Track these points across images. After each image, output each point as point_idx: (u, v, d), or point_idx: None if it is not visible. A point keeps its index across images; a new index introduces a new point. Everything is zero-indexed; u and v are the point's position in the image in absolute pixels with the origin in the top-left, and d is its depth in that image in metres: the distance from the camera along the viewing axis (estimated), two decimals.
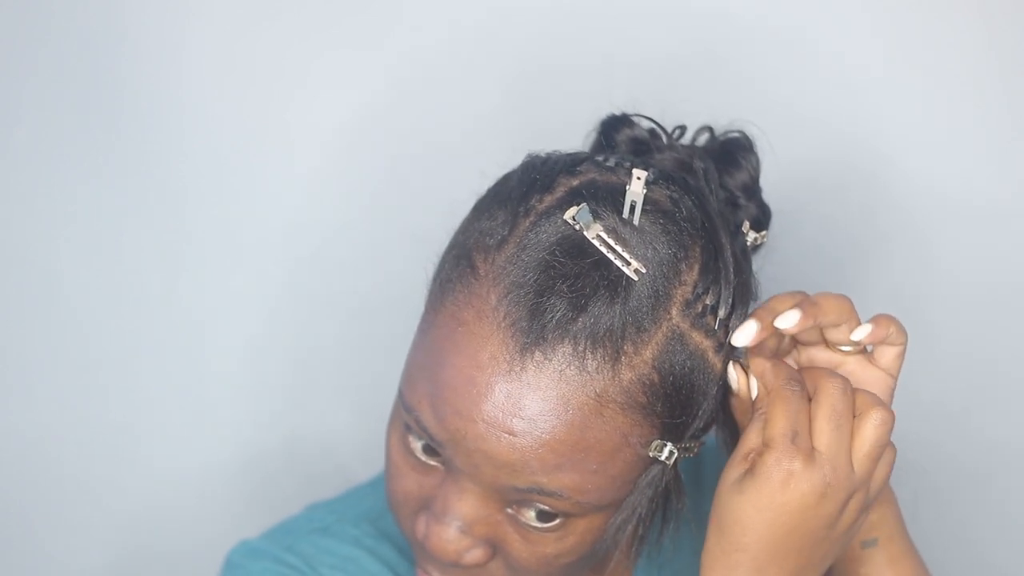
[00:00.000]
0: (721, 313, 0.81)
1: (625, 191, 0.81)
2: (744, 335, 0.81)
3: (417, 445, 0.85)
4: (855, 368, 0.86)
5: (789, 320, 0.82)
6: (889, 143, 1.18)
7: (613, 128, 0.91)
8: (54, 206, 1.21)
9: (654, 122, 0.92)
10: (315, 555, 0.97)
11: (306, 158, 1.22)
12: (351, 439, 1.28)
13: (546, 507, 0.82)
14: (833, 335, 0.85)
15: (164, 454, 1.28)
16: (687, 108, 0.95)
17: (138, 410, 1.27)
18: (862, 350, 0.86)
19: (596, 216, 0.80)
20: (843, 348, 0.86)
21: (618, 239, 0.80)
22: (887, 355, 0.85)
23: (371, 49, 1.19)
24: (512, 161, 0.88)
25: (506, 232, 0.81)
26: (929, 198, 1.18)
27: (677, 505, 0.86)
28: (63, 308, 1.24)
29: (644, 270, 0.79)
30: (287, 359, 1.27)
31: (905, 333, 0.85)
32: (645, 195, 0.81)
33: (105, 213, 1.22)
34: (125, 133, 1.20)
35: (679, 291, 0.80)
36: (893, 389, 0.86)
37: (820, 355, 0.87)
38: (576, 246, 0.79)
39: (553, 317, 0.78)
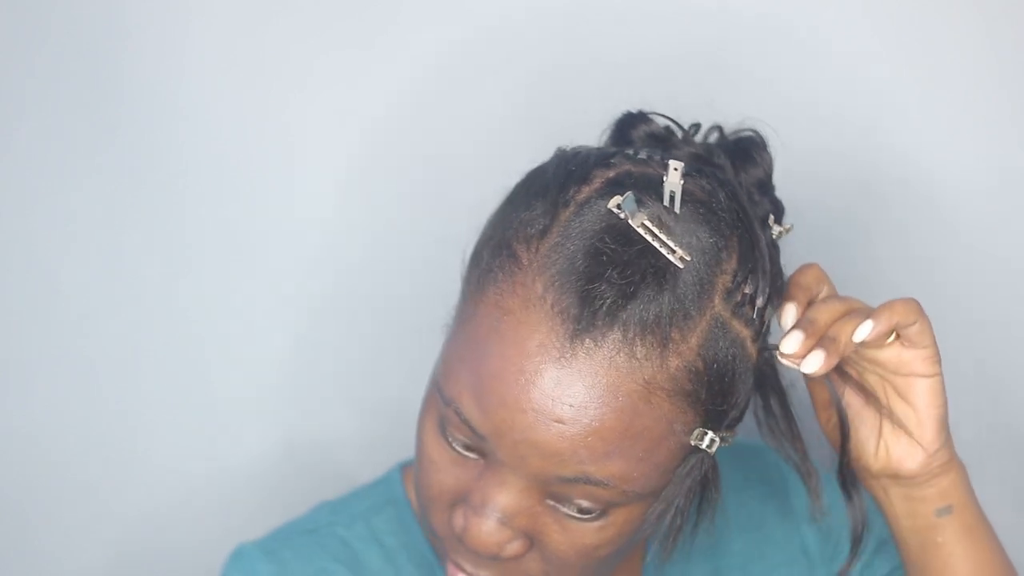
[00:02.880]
0: (759, 302, 0.82)
1: (661, 181, 0.81)
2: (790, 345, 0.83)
3: (455, 439, 0.84)
4: (893, 355, 0.87)
5: (864, 331, 0.84)
6: (894, 139, 1.18)
7: (630, 125, 0.92)
8: (54, 206, 1.21)
9: (670, 119, 0.92)
10: (291, 562, 0.97)
11: (310, 159, 1.22)
12: (354, 443, 1.28)
13: (588, 499, 0.82)
14: (903, 331, 0.87)
15: (165, 456, 1.28)
16: (693, 105, 0.95)
17: (138, 412, 1.27)
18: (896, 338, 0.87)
19: (640, 204, 0.80)
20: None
21: (662, 227, 0.80)
22: (910, 336, 0.86)
23: (368, 50, 1.19)
24: (525, 164, 0.88)
25: (548, 221, 0.81)
26: (943, 193, 1.18)
27: (714, 496, 0.87)
28: (63, 308, 1.24)
29: (689, 258, 0.80)
30: (290, 362, 1.27)
31: (911, 310, 0.85)
32: (682, 186, 0.81)
33: (106, 213, 1.22)
34: (125, 133, 1.20)
35: (720, 280, 0.81)
36: (936, 359, 0.87)
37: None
38: (623, 234, 0.80)
39: (603, 304, 0.78)
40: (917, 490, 0.89)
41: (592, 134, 0.93)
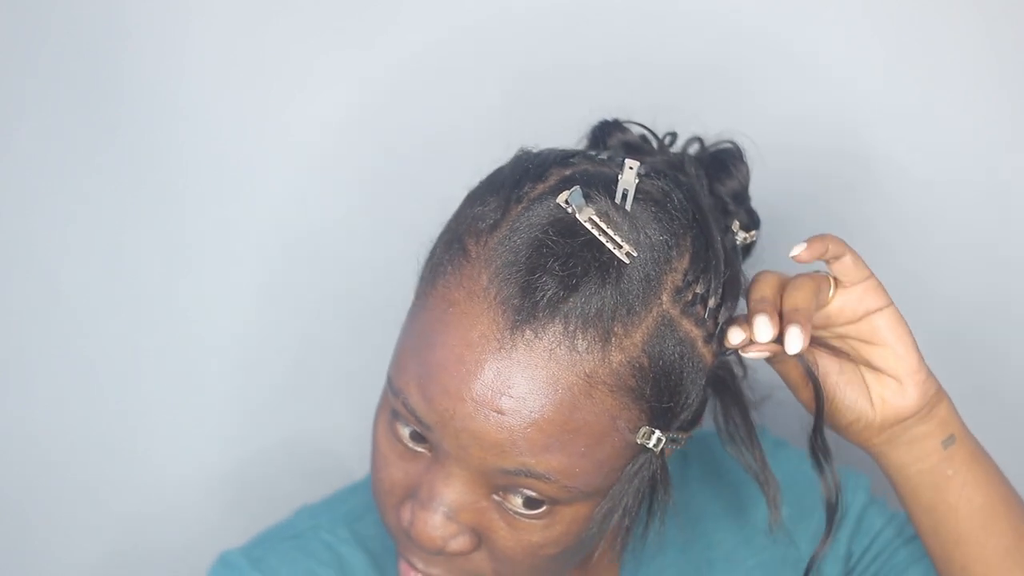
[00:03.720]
0: (711, 303, 0.82)
1: (617, 180, 0.81)
2: (761, 331, 0.81)
3: (404, 432, 0.85)
4: (840, 303, 0.86)
5: (799, 248, 0.83)
6: (886, 146, 1.18)
7: (605, 132, 0.93)
8: (54, 206, 1.21)
9: (646, 128, 0.92)
10: (279, 568, 0.97)
11: (304, 158, 1.22)
12: (349, 437, 1.28)
13: (533, 492, 0.82)
14: (836, 268, 0.86)
15: (163, 453, 1.28)
16: (679, 109, 0.96)
17: (137, 409, 1.27)
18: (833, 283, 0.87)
19: (588, 199, 0.80)
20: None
21: (609, 222, 0.80)
22: (845, 270, 0.85)
23: (368, 50, 1.19)
24: (506, 160, 0.88)
25: (498, 216, 0.82)
26: (928, 201, 1.19)
27: (664, 497, 0.86)
28: (63, 308, 1.24)
29: (635, 253, 0.80)
30: (285, 358, 1.27)
31: (838, 243, 0.84)
32: (637, 186, 0.81)
33: (105, 213, 1.22)
34: (125, 133, 1.20)
35: (670, 278, 0.81)
36: (881, 288, 0.86)
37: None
38: (568, 227, 0.80)
39: (544, 295, 0.78)
40: (922, 426, 0.89)
41: (575, 136, 0.94)
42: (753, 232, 0.91)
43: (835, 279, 0.86)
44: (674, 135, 0.94)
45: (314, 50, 1.18)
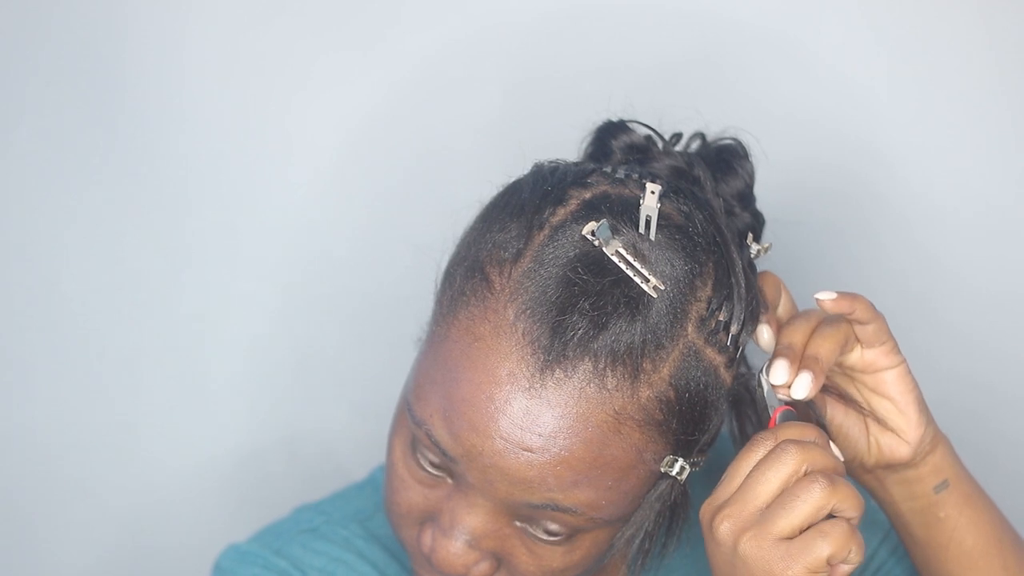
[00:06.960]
0: (733, 329, 0.82)
1: (638, 204, 0.81)
2: (777, 376, 0.82)
3: (424, 458, 0.84)
4: (857, 357, 0.87)
5: (827, 295, 0.84)
6: (888, 147, 1.18)
7: (610, 134, 0.91)
8: (55, 206, 1.21)
9: (651, 128, 0.92)
10: (303, 557, 0.97)
11: (308, 159, 1.22)
12: (350, 439, 1.28)
13: (557, 524, 0.82)
14: (859, 330, 0.86)
15: (164, 453, 1.28)
16: (685, 115, 0.95)
17: (138, 409, 1.27)
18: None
19: (614, 231, 0.80)
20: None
21: (636, 255, 0.80)
22: (867, 335, 0.86)
23: (373, 54, 1.19)
24: (512, 167, 0.87)
25: (521, 245, 0.81)
26: (928, 202, 1.18)
27: (682, 517, 0.87)
28: (63, 308, 1.24)
29: (663, 287, 0.79)
30: (287, 359, 1.27)
31: (868, 309, 0.85)
32: (658, 210, 0.81)
33: (106, 213, 1.22)
34: (127, 134, 1.20)
35: (694, 307, 0.81)
36: (896, 350, 0.87)
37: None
38: (596, 262, 0.79)
39: (575, 335, 0.78)
40: (913, 472, 0.89)
41: (578, 140, 0.93)
42: (767, 244, 0.90)
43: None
44: (679, 135, 0.94)
45: (315, 51, 1.19)
